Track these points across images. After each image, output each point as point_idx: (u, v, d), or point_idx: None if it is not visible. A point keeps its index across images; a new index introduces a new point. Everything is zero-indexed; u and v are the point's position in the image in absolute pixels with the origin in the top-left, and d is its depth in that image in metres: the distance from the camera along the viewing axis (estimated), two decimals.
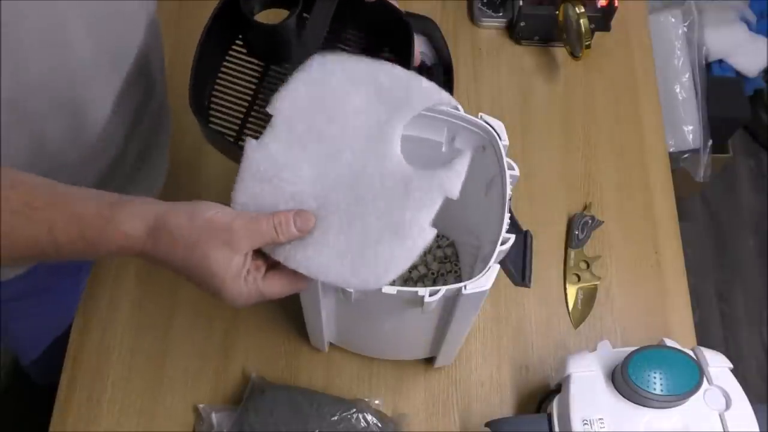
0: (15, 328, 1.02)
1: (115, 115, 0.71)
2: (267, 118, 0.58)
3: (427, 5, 1.08)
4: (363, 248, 0.54)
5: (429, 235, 0.54)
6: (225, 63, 0.71)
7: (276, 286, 0.56)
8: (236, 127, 0.71)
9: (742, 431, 0.66)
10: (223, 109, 0.71)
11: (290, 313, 0.86)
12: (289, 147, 0.56)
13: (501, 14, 1.08)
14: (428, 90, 0.58)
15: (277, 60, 0.71)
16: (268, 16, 0.70)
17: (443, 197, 0.54)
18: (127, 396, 0.83)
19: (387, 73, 0.58)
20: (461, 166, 0.56)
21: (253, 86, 0.72)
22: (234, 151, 0.63)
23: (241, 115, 0.72)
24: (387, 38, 0.67)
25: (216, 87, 0.70)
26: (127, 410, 0.82)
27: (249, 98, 0.72)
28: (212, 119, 0.69)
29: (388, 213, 0.54)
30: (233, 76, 0.72)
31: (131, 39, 0.70)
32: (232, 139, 0.70)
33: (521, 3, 1.04)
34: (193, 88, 0.65)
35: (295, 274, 0.56)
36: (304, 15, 0.69)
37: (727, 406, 0.68)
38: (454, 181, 0.55)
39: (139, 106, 0.77)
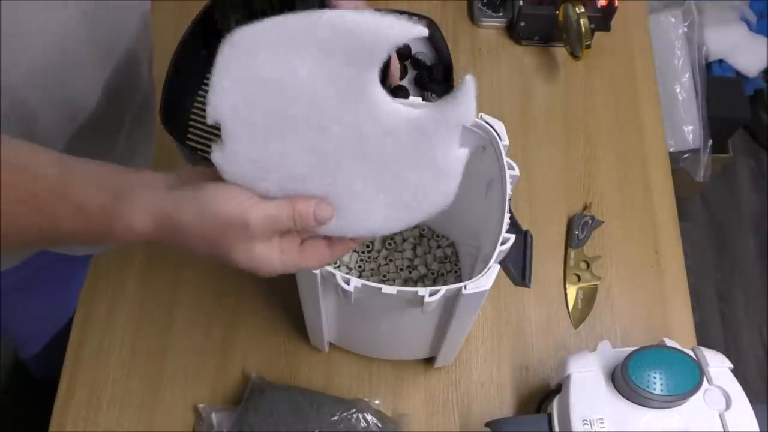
0: (15, 321, 1.02)
1: (103, 107, 0.71)
2: (217, 131, 0.51)
3: (427, 5, 1.08)
4: (406, 195, 0.52)
5: (465, 156, 0.53)
6: (206, 79, 0.67)
7: (314, 259, 0.53)
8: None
9: (742, 431, 0.66)
10: (203, 126, 0.66)
11: (290, 313, 0.86)
12: (262, 145, 0.51)
13: (501, 14, 1.08)
14: (386, 30, 0.47)
15: None
16: None
17: (461, 126, 0.52)
18: (127, 395, 0.83)
19: (323, 27, 0.48)
20: (471, 93, 0.52)
21: None
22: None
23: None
24: None
25: (196, 104, 0.67)
26: (127, 409, 0.82)
27: None
28: (191, 137, 0.66)
29: (417, 160, 0.52)
30: None
31: (122, 33, 0.70)
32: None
33: (521, 3, 1.04)
34: (166, 104, 0.61)
35: (335, 240, 0.53)
36: None
37: (727, 406, 0.68)
38: (470, 109, 0.52)
39: (126, 102, 0.77)
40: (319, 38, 0.47)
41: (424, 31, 0.47)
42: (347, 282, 0.62)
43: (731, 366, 0.70)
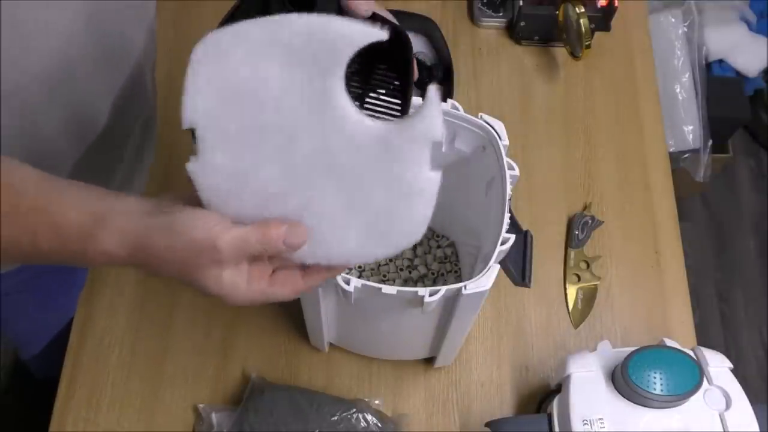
0: (16, 322, 1.02)
1: (112, 121, 0.71)
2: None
3: (427, 5, 1.08)
4: (378, 219, 0.51)
5: (437, 180, 0.50)
6: None
7: (287, 288, 0.53)
8: None
9: (742, 431, 0.66)
10: None
11: (290, 313, 0.86)
12: (237, 155, 0.50)
13: (501, 14, 1.08)
14: (347, 32, 0.47)
15: None
16: None
17: (432, 143, 0.49)
18: (127, 395, 0.83)
19: (289, 30, 0.47)
20: (435, 106, 0.49)
21: None
22: None
23: None
24: (383, 52, 0.64)
25: None
26: (127, 409, 0.82)
27: None
28: None
29: (385, 178, 0.50)
30: None
31: (129, 40, 0.70)
32: None
33: (521, 3, 1.04)
34: None
35: (310, 269, 0.53)
36: None
37: (727, 406, 0.68)
38: (435, 123, 0.49)
39: (134, 116, 0.77)
40: (285, 42, 0.47)
41: (383, 35, 0.47)
42: (347, 282, 0.62)
43: (731, 366, 0.70)
